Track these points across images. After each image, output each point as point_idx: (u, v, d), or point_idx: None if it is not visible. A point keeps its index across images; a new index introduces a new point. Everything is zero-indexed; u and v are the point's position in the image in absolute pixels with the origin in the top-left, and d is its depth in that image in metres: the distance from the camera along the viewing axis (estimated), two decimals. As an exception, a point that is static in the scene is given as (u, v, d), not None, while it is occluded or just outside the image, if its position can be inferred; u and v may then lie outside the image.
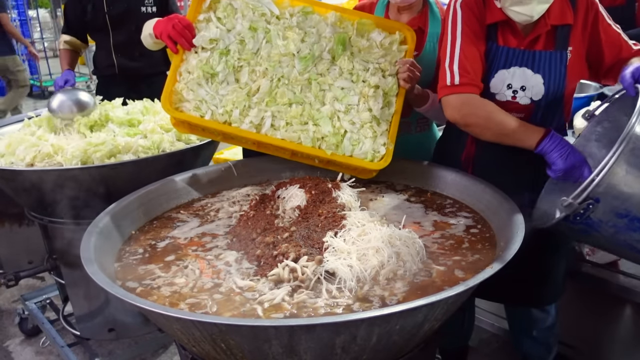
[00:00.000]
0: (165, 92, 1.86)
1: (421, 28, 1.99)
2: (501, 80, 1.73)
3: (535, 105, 1.73)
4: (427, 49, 2.00)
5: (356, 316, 1.08)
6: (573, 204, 1.35)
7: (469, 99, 1.67)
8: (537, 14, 1.62)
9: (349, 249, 1.31)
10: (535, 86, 1.71)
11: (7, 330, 3.06)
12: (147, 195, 1.78)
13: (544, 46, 1.71)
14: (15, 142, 2.30)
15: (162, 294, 1.31)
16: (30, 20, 10.80)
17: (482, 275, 1.18)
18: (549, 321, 2.03)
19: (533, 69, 1.70)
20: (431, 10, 2.01)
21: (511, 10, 1.62)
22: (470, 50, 1.69)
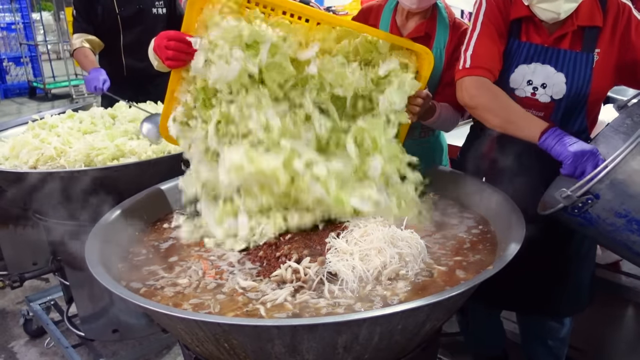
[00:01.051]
0: (163, 119, 1.73)
1: (428, 34, 1.94)
2: (521, 75, 1.71)
3: (555, 104, 1.71)
4: (434, 55, 1.95)
5: (358, 316, 1.09)
6: (572, 196, 1.35)
7: (480, 81, 1.67)
8: (565, 13, 1.60)
9: (351, 249, 1.32)
10: (556, 84, 1.68)
11: (12, 332, 3.08)
12: (151, 196, 1.79)
13: (569, 46, 1.68)
14: (19, 145, 2.32)
15: (166, 295, 1.32)
16: (34, 23, 10.83)
17: (482, 276, 1.19)
18: (564, 332, 1.98)
19: (556, 67, 1.68)
20: (440, 16, 1.96)
21: (538, 7, 1.61)
22: (486, 41, 1.70)
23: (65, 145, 2.32)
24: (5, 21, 10.79)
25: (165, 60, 1.61)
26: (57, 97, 10.23)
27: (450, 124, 1.98)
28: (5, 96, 10.43)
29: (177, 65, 1.63)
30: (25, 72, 10.64)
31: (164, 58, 1.61)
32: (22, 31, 10.55)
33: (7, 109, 9.52)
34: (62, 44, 10.93)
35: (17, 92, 10.65)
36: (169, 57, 1.59)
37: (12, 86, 10.70)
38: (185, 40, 1.58)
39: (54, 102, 9.87)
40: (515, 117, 1.61)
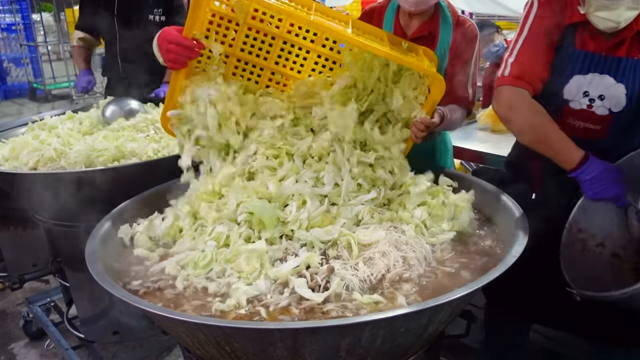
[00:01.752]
0: (164, 111, 1.74)
1: (432, 33, 1.92)
2: (577, 87, 1.60)
3: (613, 117, 1.60)
4: (437, 55, 1.93)
5: (361, 319, 1.08)
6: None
7: (518, 95, 1.58)
8: (625, 21, 1.50)
9: (356, 252, 1.31)
10: (615, 96, 1.57)
11: (12, 333, 3.07)
12: (151, 197, 1.78)
13: (627, 52, 1.56)
14: (19, 146, 2.31)
15: (166, 296, 1.31)
16: (34, 24, 10.83)
17: (486, 278, 1.18)
18: None
19: (616, 77, 1.56)
20: (443, 15, 1.94)
21: (596, 16, 1.51)
22: (532, 50, 1.60)
23: (65, 146, 2.31)
24: (6, 22, 10.77)
25: (166, 62, 1.62)
26: (58, 97, 10.22)
27: (455, 125, 1.97)
28: (5, 97, 10.42)
29: (178, 67, 1.64)
30: (25, 73, 10.63)
31: (165, 59, 1.62)
32: (23, 32, 10.53)
33: (8, 110, 9.50)
34: (63, 44, 10.94)
35: (17, 93, 10.63)
36: (169, 60, 1.60)
37: (13, 87, 10.69)
38: (185, 44, 1.58)
39: (54, 103, 9.85)
40: (551, 139, 1.54)
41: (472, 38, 1.93)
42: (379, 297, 1.19)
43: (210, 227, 1.46)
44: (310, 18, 1.56)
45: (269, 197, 1.49)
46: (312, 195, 1.47)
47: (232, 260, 1.34)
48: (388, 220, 1.46)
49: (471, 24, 1.94)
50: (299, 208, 1.45)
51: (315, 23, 1.56)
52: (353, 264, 1.30)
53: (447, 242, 1.42)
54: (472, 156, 2.73)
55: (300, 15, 1.57)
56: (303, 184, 1.49)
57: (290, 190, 1.47)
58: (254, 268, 1.31)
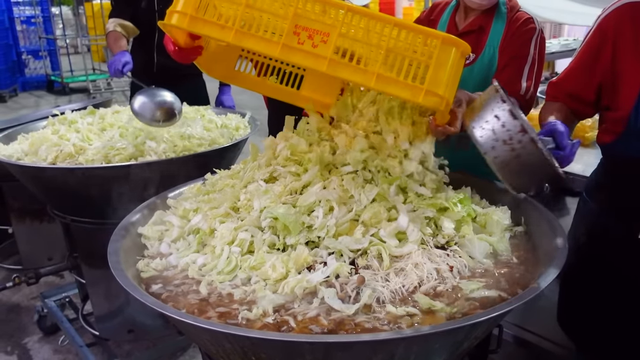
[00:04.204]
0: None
1: (482, 27, 1.84)
2: None
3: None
4: (486, 52, 1.85)
5: (396, 335, 1.03)
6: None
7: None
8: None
9: (387, 263, 1.26)
10: None
11: (26, 328, 3.06)
12: (173, 196, 1.74)
13: None
14: (38, 141, 2.29)
15: (189, 301, 1.26)
16: (53, 17, 10.90)
17: (526, 295, 1.12)
18: None
19: None
20: (498, 10, 1.86)
21: None
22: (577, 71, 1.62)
23: (85, 142, 2.29)
24: (26, 15, 10.86)
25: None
26: (75, 91, 10.27)
27: None
28: (23, 89, 10.50)
29: (185, 62, 1.67)
30: (43, 65, 10.70)
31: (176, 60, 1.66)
32: (42, 25, 10.61)
33: (25, 102, 9.57)
34: (81, 38, 11.01)
35: (35, 85, 10.71)
36: (177, 60, 1.66)
37: (31, 79, 10.77)
38: (169, 49, 1.62)
39: (72, 96, 9.91)
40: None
41: (528, 31, 1.83)
42: (414, 309, 1.14)
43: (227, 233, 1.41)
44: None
45: (293, 202, 1.45)
46: (339, 202, 1.42)
47: (257, 267, 1.30)
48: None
49: (529, 18, 1.85)
50: (326, 214, 1.40)
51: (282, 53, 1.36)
52: (384, 274, 1.25)
53: (484, 255, 1.36)
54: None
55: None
56: (331, 190, 1.44)
57: (317, 196, 1.42)
58: (281, 275, 1.26)
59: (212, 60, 1.79)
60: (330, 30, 1.34)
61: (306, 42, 1.34)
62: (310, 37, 1.34)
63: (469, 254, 1.34)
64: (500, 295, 1.21)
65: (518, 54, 1.83)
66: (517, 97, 1.79)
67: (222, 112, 2.85)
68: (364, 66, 1.34)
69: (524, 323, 2.44)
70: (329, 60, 1.33)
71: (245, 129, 2.64)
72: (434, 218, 1.40)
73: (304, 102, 1.81)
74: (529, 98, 1.84)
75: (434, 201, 1.41)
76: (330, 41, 1.33)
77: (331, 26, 1.34)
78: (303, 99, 1.82)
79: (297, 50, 1.35)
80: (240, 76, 1.85)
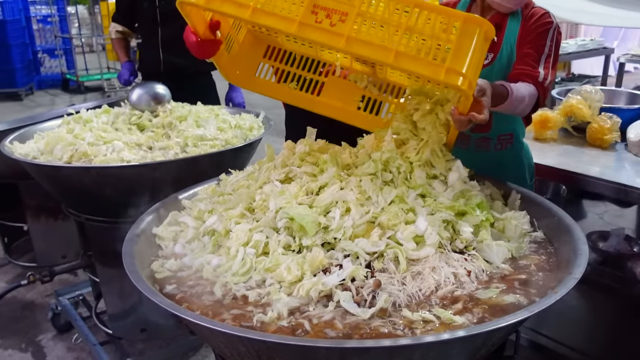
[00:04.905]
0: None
1: (498, 25, 1.82)
2: None
3: None
4: (504, 51, 1.83)
5: (412, 341, 1.02)
6: None
7: None
8: None
9: (404, 267, 1.24)
10: None
11: (40, 325, 3.08)
12: (188, 196, 1.74)
13: None
14: (53, 140, 2.30)
15: (203, 303, 1.26)
16: (69, 16, 10.99)
17: (546, 301, 1.10)
18: None
19: None
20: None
21: None
22: None
23: (99, 140, 2.29)
24: (42, 14, 10.96)
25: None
26: (90, 89, 10.35)
27: (522, 106, 1.74)
28: (39, 87, 10.59)
29: (202, 57, 1.67)
30: (59, 64, 10.79)
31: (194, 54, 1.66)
32: (58, 24, 10.69)
33: (41, 100, 9.66)
34: (96, 37, 11.09)
35: (50, 84, 10.80)
36: (195, 55, 1.65)
37: (46, 77, 10.86)
38: (190, 40, 1.60)
39: (87, 95, 9.98)
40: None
41: (545, 24, 1.82)
42: (430, 315, 1.12)
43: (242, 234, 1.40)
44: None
45: (309, 203, 1.43)
46: (356, 203, 1.40)
47: (272, 269, 1.29)
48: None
49: (545, 13, 1.84)
50: (343, 216, 1.38)
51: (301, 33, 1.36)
52: (400, 278, 1.23)
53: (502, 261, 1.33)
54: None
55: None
56: (348, 191, 1.42)
57: (334, 197, 1.41)
58: (296, 277, 1.25)
59: (232, 65, 1.79)
60: (349, 9, 1.33)
61: (324, 21, 1.34)
62: (329, 16, 1.34)
63: (487, 259, 1.32)
64: (518, 301, 1.19)
65: (535, 44, 1.81)
66: (536, 83, 1.77)
67: (236, 112, 2.85)
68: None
69: (539, 327, 2.41)
70: (347, 38, 1.32)
71: (259, 129, 2.63)
72: (451, 222, 1.38)
73: (323, 109, 1.80)
74: (547, 86, 1.81)
75: (452, 204, 1.39)
76: (349, 20, 1.32)
77: (350, 5, 1.33)
78: (322, 106, 1.81)
79: (314, 28, 1.34)
80: (259, 82, 1.84)
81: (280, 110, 2.44)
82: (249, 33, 1.80)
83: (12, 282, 3.47)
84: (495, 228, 1.43)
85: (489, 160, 1.96)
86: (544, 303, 1.09)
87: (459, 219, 1.39)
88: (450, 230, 1.37)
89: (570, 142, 2.65)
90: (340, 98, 1.81)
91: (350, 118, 1.80)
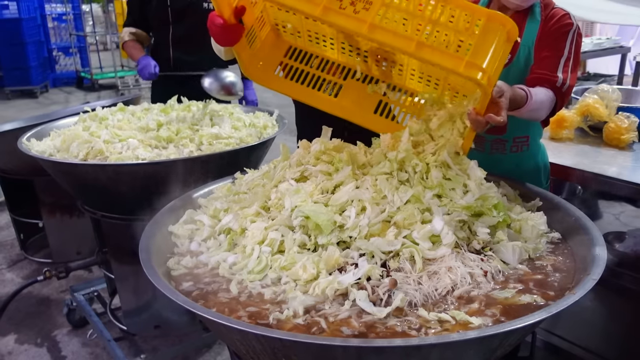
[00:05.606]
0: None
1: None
2: None
3: None
4: (521, 53, 1.81)
5: (429, 340, 1.01)
6: None
7: None
8: None
9: (420, 266, 1.24)
10: None
11: (55, 320, 3.11)
12: (205, 194, 1.75)
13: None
14: (69, 138, 2.32)
15: (219, 300, 1.26)
16: (84, 15, 11.08)
17: (563, 302, 1.09)
18: None
19: None
20: (532, 10, 1.82)
21: None
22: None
23: (115, 138, 2.31)
24: (57, 12, 11.06)
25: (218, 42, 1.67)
26: (103, 87, 10.43)
27: (541, 111, 1.74)
28: (54, 85, 10.69)
29: (223, 44, 1.67)
30: (73, 62, 10.89)
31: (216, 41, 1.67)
32: (72, 22, 10.79)
33: (56, 98, 9.75)
34: (110, 35, 11.17)
35: (65, 82, 10.91)
36: (213, 37, 1.65)
37: (61, 75, 10.98)
38: (217, 23, 1.58)
39: (100, 93, 10.07)
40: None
41: (565, 26, 1.79)
42: (446, 315, 1.12)
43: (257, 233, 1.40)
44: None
45: (325, 201, 1.43)
46: (372, 202, 1.40)
47: (287, 267, 1.29)
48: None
49: (566, 14, 1.81)
50: (358, 214, 1.38)
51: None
52: (416, 277, 1.23)
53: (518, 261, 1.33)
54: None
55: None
56: (364, 190, 1.42)
57: (350, 196, 1.41)
58: (312, 276, 1.25)
59: (252, 60, 1.80)
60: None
61: (348, 7, 1.35)
62: (353, 3, 1.35)
63: (504, 259, 1.31)
64: (535, 302, 1.18)
65: (554, 47, 1.78)
66: (554, 88, 1.75)
67: (250, 110, 2.86)
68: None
69: (554, 328, 2.40)
70: (370, 24, 1.33)
71: (273, 127, 2.63)
72: (467, 222, 1.37)
73: (340, 111, 1.80)
74: (566, 91, 1.78)
75: (468, 205, 1.38)
76: (373, 8, 1.34)
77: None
78: (340, 108, 1.81)
79: (338, 13, 1.36)
80: (277, 80, 1.85)
81: (293, 109, 2.45)
82: (272, 31, 1.81)
83: (27, 277, 3.52)
84: (512, 229, 1.42)
85: (504, 162, 1.94)
86: (562, 304, 1.08)
87: (475, 220, 1.38)
88: (466, 230, 1.36)
89: (587, 142, 2.63)
90: (358, 101, 1.81)
91: (367, 121, 1.80)
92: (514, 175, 1.74)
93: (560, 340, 2.35)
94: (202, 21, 3.38)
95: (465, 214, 1.36)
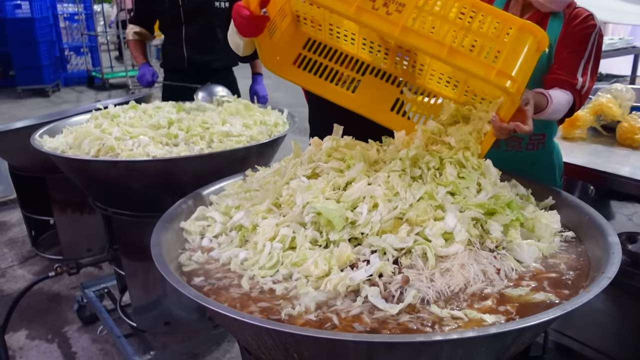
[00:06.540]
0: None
1: (538, 23, 1.73)
2: None
3: None
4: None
5: (441, 337, 1.00)
6: None
7: None
8: None
9: (432, 263, 1.23)
10: None
11: (66, 317, 3.13)
12: (215, 191, 1.75)
13: None
14: (82, 135, 2.33)
15: (231, 295, 1.26)
16: (95, 14, 11.15)
17: (578, 300, 1.08)
18: None
19: None
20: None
21: None
22: None
23: (126, 135, 2.32)
24: (69, 11, 11.13)
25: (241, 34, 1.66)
26: (114, 86, 10.48)
27: (559, 113, 1.75)
28: (65, 84, 10.76)
29: (247, 35, 1.66)
30: (85, 61, 10.96)
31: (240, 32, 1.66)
32: (84, 22, 10.86)
33: (67, 97, 9.81)
34: (127, 32, 11.20)
35: (76, 81, 10.97)
36: (237, 28, 1.64)
37: (72, 75, 11.04)
38: (242, 14, 1.57)
39: (111, 92, 10.12)
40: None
41: (588, 27, 1.79)
42: (459, 313, 1.11)
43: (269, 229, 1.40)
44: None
45: (336, 198, 1.43)
46: (384, 199, 1.40)
47: (299, 263, 1.29)
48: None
49: (589, 15, 1.80)
50: (370, 211, 1.38)
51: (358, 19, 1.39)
52: (429, 274, 1.22)
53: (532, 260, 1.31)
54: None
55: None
56: (376, 186, 1.42)
57: (361, 192, 1.40)
58: (323, 272, 1.24)
59: (272, 50, 1.79)
60: (407, 1, 1.34)
61: (381, 8, 1.36)
62: (386, 5, 1.35)
63: (518, 258, 1.30)
64: (549, 300, 1.18)
65: (576, 48, 1.78)
66: (574, 91, 1.75)
67: (261, 107, 2.86)
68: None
69: (565, 329, 2.37)
70: (402, 27, 1.33)
71: (284, 125, 2.64)
72: (480, 220, 1.36)
73: (356, 106, 1.80)
74: (584, 94, 1.78)
75: (482, 203, 1.37)
76: (406, 11, 1.34)
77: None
78: (356, 103, 1.81)
79: (370, 13, 1.36)
80: (295, 72, 1.85)
81: (302, 108, 2.45)
82: (292, 23, 1.81)
83: (38, 274, 3.54)
84: (525, 227, 1.41)
85: (519, 160, 1.93)
86: (576, 302, 1.07)
87: (489, 218, 1.37)
88: (479, 228, 1.35)
89: (600, 142, 2.61)
90: (375, 98, 1.81)
91: (383, 118, 1.80)
92: (529, 174, 1.73)
93: (571, 341, 2.33)
94: (214, 20, 3.41)
95: (478, 212, 1.36)
